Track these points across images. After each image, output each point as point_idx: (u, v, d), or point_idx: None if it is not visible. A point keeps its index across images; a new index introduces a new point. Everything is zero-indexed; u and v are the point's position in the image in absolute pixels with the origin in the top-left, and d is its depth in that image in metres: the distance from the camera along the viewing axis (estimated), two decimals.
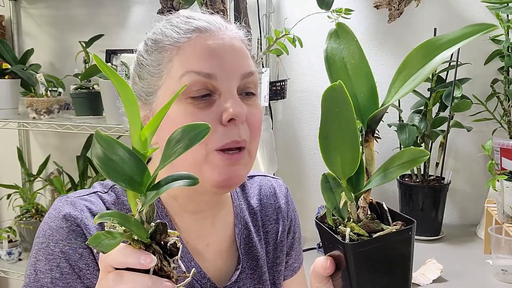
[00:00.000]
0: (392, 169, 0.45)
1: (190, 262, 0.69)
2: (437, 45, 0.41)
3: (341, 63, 0.48)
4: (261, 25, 1.62)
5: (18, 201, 1.84)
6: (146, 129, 0.40)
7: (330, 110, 0.45)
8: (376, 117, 0.45)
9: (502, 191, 1.22)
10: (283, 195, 0.83)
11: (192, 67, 0.62)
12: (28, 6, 1.98)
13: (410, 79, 0.42)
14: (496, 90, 1.53)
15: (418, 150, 0.42)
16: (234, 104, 0.61)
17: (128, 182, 0.39)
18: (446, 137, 1.46)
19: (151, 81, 0.66)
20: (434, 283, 1.17)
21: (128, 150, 0.39)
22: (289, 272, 0.84)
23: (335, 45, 0.48)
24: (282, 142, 1.76)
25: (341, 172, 0.47)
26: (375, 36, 1.65)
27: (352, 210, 0.49)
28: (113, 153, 0.39)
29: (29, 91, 1.64)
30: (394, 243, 0.46)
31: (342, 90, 0.43)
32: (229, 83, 0.62)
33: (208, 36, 0.64)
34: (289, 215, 0.83)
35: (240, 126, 0.62)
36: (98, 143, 0.39)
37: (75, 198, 0.66)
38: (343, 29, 0.48)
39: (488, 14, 1.54)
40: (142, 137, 0.40)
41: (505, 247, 1.18)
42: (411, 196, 1.48)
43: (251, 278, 0.74)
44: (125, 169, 0.39)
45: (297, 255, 0.85)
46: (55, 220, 0.63)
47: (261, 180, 0.83)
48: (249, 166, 0.67)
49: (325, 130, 0.46)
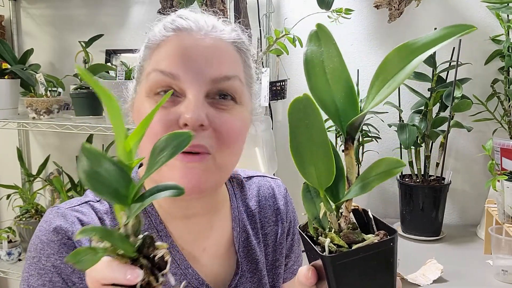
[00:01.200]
0: (370, 179, 0.43)
1: (187, 269, 0.67)
2: (412, 49, 0.39)
3: (320, 67, 0.45)
4: (261, 25, 1.62)
5: (17, 201, 1.84)
6: (130, 139, 0.38)
7: (298, 122, 0.43)
8: (354, 124, 0.43)
9: (503, 191, 1.22)
10: (282, 196, 0.81)
11: (158, 65, 0.61)
12: (28, 6, 1.98)
13: (385, 86, 0.40)
14: (497, 90, 1.53)
15: (395, 160, 0.41)
16: (190, 109, 0.57)
17: (113, 195, 0.38)
18: (447, 137, 1.46)
19: (137, 77, 0.67)
20: (434, 283, 1.17)
21: (113, 162, 0.38)
22: (288, 275, 0.83)
23: (315, 48, 0.46)
24: (282, 142, 1.75)
25: (317, 183, 0.46)
26: (375, 36, 1.65)
27: (333, 220, 0.47)
28: (99, 165, 0.38)
29: (29, 91, 1.64)
30: (375, 254, 0.44)
31: (310, 101, 0.42)
32: (194, 85, 0.59)
33: (185, 36, 0.61)
34: (288, 216, 0.81)
35: (198, 132, 0.58)
36: (85, 156, 0.37)
37: (66, 209, 0.64)
38: (323, 31, 0.46)
39: (488, 14, 1.54)
40: (127, 148, 0.39)
41: (505, 248, 1.17)
42: (411, 196, 1.48)
43: (250, 282, 0.73)
44: (111, 181, 0.38)
45: (296, 257, 0.84)
46: (46, 233, 0.62)
47: (259, 181, 0.81)
48: (217, 177, 0.62)
49: (295, 142, 0.45)
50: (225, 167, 0.63)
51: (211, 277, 0.70)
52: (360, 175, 0.45)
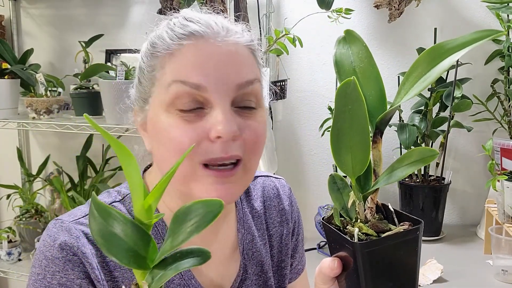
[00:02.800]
0: (400, 169, 0.45)
1: (190, 279, 0.66)
2: (446, 49, 0.41)
3: (349, 67, 0.49)
4: (261, 25, 1.62)
5: (17, 201, 1.84)
6: (150, 196, 0.36)
7: (342, 107, 0.45)
8: (385, 118, 0.46)
9: (503, 191, 1.22)
10: (286, 196, 0.81)
11: (180, 76, 0.57)
12: (28, 6, 1.98)
13: (420, 81, 0.43)
14: (497, 90, 1.53)
15: (428, 149, 0.43)
16: (222, 122, 0.56)
17: (133, 259, 0.35)
18: (447, 137, 1.46)
19: (146, 87, 0.63)
20: (434, 283, 1.17)
21: (130, 221, 0.35)
22: (293, 275, 0.82)
23: (344, 51, 0.49)
24: (282, 142, 1.75)
25: (351, 171, 0.47)
26: (375, 36, 1.65)
27: (360, 210, 0.49)
28: (113, 225, 0.35)
29: (29, 91, 1.64)
30: (402, 243, 0.47)
31: (355, 87, 0.43)
32: (221, 95, 0.57)
33: (202, 43, 0.58)
34: (293, 216, 0.81)
35: (229, 143, 0.57)
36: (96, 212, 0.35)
37: (70, 223, 0.62)
38: (351, 36, 0.50)
39: (488, 14, 1.53)
40: (146, 205, 0.36)
41: (505, 248, 1.17)
42: (411, 196, 1.48)
43: (256, 284, 0.72)
44: (129, 243, 0.35)
45: (301, 257, 0.84)
46: (51, 249, 0.60)
47: (264, 181, 0.81)
48: (244, 183, 0.62)
49: (336, 128, 0.46)
50: (252, 170, 0.63)
51: (215, 282, 0.69)
52: (389, 166, 0.47)
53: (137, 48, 0.70)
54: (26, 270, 1.65)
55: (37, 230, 1.76)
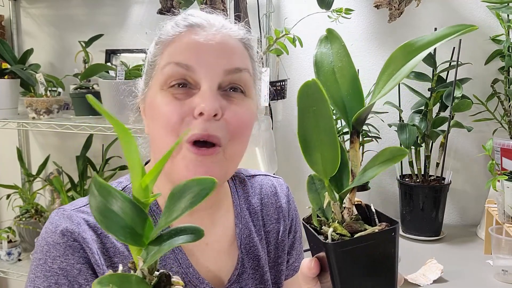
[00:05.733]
0: (372, 168, 0.44)
1: (188, 268, 0.68)
2: (416, 46, 0.42)
3: (328, 66, 0.48)
4: (261, 25, 1.62)
5: (17, 201, 1.84)
6: (147, 176, 0.37)
7: (306, 108, 0.45)
8: (360, 117, 0.45)
9: (503, 191, 1.22)
10: (284, 194, 0.83)
11: (173, 58, 0.63)
12: (27, 6, 1.98)
13: (392, 78, 0.43)
14: (497, 90, 1.53)
15: (397, 148, 0.42)
16: (205, 99, 0.60)
17: (129, 235, 0.36)
18: (447, 137, 1.46)
19: (148, 73, 0.68)
20: (434, 283, 1.16)
21: (128, 199, 0.37)
22: (290, 272, 0.84)
23: (325, 50, 0.49)
24: (282, 142, 1.75)
25: (323, 171, 0.47)
26: (375, 36, 1.65)
27: (336, 210, 0.49)
28: (112, 202, 0.36)
29: (29, 91, 1.64)
30: (376, 243, 0.46)
31: (317, 87, 0.43)
32: (208, 77, 0.62)
33: (198, 31, 0.64)
34: (290, 214, 0.83)
35: (211, 122, 0.60)
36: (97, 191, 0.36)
37: (71, 210, 0.65)
38: (332, 35, 0.49)
39: (488, 14, 1.54)
40: (143, 185, 0.37)
41: (505, 248, 1.17)
42: (411, 196, 1.47)
43: (252, 278, 0.74)
44: (126, 220, 0.36)
45: (298, 254, 0.85)
46: (52, 235, 0.62)
47: (262, 179, 0.83)
48: (224, 169, 0.64)
49: (303, 129, 0.46)
50: (234, 158, 0.65)
51: (213, 273, 0.71)
52: (364, 165, 0.46)
53: (137, 48, 0.72)
54: (26, 270, 1.65)
55: (37, 230, 1.76)
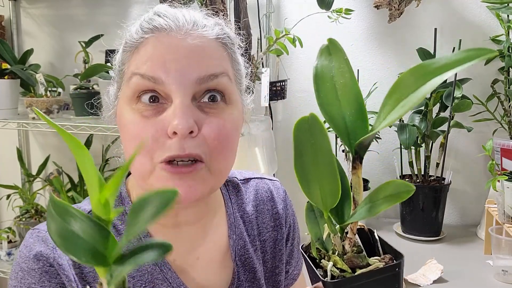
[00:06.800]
0: (377, 202, 0.41)
1: (179, 286, 0.64)
2: (430, 69, 0.35)
3: (330, 82, 0.44)
4: (261, 25, 1.62)
5: (17, 202, 1.84)
6: (106, 190, 0.34)
7: (304, 142, 0.42)
8: (363, 143, 0.42)
9: (503, 192, 1.22)
10: (281, 200, 0.77)
11: (138, 69, 0.56)
12: (28, 6, 1.98)
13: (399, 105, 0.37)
14: (497, 90, 1.53)
15: (403, 183, 0.38)
16: (177, 116, 0.53)
17: (91, 256, 0.34)
18: (447, 138, 1.46)
19: (118, 82, 0.62)
20: (434, 283, 1.16)
21: (87, 217, 0.34)
22: (289, 281, 0.79)
23: (326, 63, 0.44)
24: (282, 142, 1.75)
25: (322, 204, 0.44)
26: (375, 36, 1.65)
27: (337, 242, 0.46)
28: (71, 222, 0.34)
29: (29, 91, 1.64)
30: (379, 280, 0.43)
31: (316, 121, 0.40)
32: (180, 89, 0.55)
33: (163, 36, 0.57)
34: (288, 221, 0.77)
35: (187, 140, 0.54)
36: (54, 211, 0.34)
37: (46, 232, 0.60)
38: (334, 46, 0.44)
39: (488, 14, 1.54)
40: (102, 200, 0.34)
41: (505, 248, 1.17)
42: (411, 197, 1.46)
43: None
44: (87, 240, 0.34)
45: (297, 262, 0.81)
46: (26, 260, 0.59)
47: (257, 183, 0.77)
48: (210, 185, 0.58)
49: (300, 162, 0.43)
50: (220, 173, 0.59)
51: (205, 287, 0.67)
52: (367, 196, 0.43)
53: None
54: None
55: None
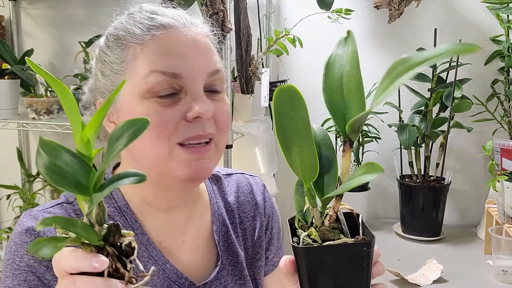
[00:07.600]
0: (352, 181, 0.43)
1: (164, 264, 0.69)
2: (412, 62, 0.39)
3: (338, 70, 0.47)
4: (261, 25, 1.62)
5: (17, 202, 1.84)
6: (87, 129, 0.39)
7: (284, 112, 0.45)
8: (353, 126, 0.44)
9: (503, 192, 1.22)
10: (260, 192, 0.84)
11: (157, 66, 0.61)
12: (28, 6, 1.98)
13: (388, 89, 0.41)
14: (497, 91, 1.53)
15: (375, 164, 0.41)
16: (200, 103, 0.62)
17: (74, 186, 0.38)
18: (447, 138, 1.46)
19: (114, 79, 0.65)
20: (434, 283, 1.17)
21: (72, 153, 0.39)
22: (269, 267, 0.85)
23: (340, 52, 0.48)
24: None
25: (302, 176, 0.47)
26: (375, 36, 1.65)
27: (316, 215, 0.49)
28: (58, 158, 0.38)
29: (29, 92, 1.64)
30: (347, 256, 0.45)
31: (295, 92, 0.43)
32: (195, 82, 0.63)
33: (173, 33, 0.63)
34: (266, 211, 0.84)
35: (206, 122, 0.63)
36: (43, 150, 0.38)
37: (38, 211, 0.67)
38: (351, 37, 0.48)
39: (488, 14, 1.54)
40: (84, 138, 0.39)
41: (505, 248, 1.17)
42: (411, 197, 1.47)
43: (232, 275, 0.75)
44: (71, 173, 0.38)
45: (277, 250, 0.86)
46: (19, 235, 0.64)
47: (238, 178, 0.84)
48: (217, 160, 0.67)
49: (283, 131, 0.46)
50: (222, 148, 0.69)
51: (190, 270, 0.72)
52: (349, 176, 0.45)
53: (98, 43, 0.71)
54: None
55: None
